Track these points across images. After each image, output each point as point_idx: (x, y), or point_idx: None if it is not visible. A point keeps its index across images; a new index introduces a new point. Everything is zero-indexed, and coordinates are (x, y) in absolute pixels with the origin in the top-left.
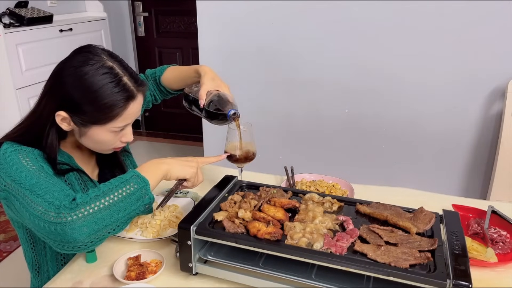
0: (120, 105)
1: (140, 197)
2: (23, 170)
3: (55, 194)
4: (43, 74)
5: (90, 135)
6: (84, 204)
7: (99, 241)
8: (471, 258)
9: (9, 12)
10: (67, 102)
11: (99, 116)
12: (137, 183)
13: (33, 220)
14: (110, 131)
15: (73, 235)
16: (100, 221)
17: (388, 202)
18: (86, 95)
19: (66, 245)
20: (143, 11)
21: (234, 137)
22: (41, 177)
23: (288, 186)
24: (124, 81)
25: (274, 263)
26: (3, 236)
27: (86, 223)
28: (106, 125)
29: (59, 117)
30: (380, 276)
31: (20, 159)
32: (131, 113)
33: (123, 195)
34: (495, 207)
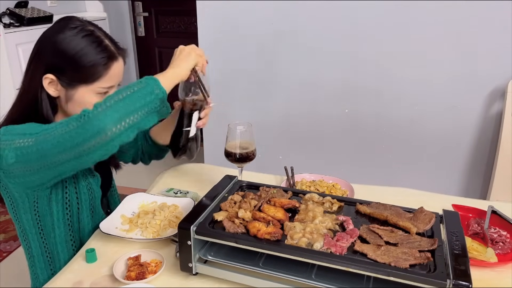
0: (103, 63)
1: (153, 90)
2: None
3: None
4: None
5: (77, 99)
6: (101, 103)
7: (127, 131)
8: (471, 258)
9: (9, 12)
10: (53, 66)
11: (84, 76)
12: (147, 79)
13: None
14: (95, 93)
15: (101, 124)
16: (122, 108)
17: (388, 202)
18: (70, 56)
19: (98, 138)
20: (143, 11)
21: (234, 137)
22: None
23: (288, 186)
24: (106, 43)
25: (274, 263)
26: (3, 236)
27: (110, 112)
28: (91, 85)
29: (46, 80)
30: (380, 276)
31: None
32: (114, 74)
33: (135, 89)
34: (495, 207)
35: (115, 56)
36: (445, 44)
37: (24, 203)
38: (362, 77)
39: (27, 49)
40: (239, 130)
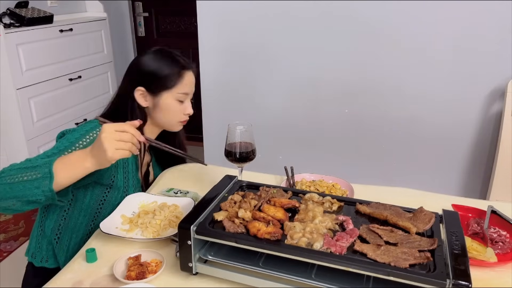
0: (177, 71)
1: (39, 185)
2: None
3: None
4: (43, 74)
5: (162, 104)
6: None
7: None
8: (471, 258)
9: (9, 12)
10: (142, 80)
11: (165, 83)
12: (45, 168)
13: None
14: (175, 99)
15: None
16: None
17: (388, 202)
18: (155, 70)
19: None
20: (143, 11)
21: (234, 137)
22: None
23: (288, 186)
24: (178, 58)
25: (274, 263)
26: (3, 236)
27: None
28: (171, 91)
29: (138, 92)
30: (380, 276)
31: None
32: (187, 82)
33: (24, 178)
34: (495, 207)
35: (187, 66)
36: (445, 44)
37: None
38: (362, 77)
39: (27, 49)
40: (239, 130)
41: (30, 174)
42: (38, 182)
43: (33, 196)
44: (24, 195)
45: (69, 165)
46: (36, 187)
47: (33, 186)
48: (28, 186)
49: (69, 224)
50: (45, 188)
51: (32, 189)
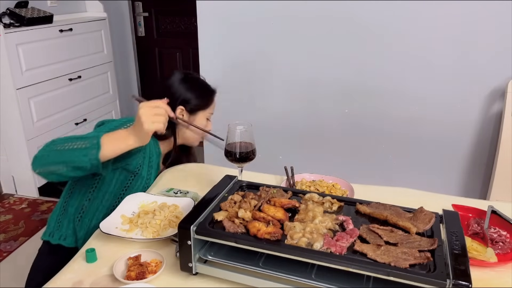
0: (210, 94)
1: (86, 153)
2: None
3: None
4: (43, 74)
5: (197, 121)
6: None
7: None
8: (471, 258)
9: (9, 12)
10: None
11: (202, 105)
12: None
13: None
14: (205, 117)
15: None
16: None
17: (388, 202)
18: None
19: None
20: (143, 11)
21: (234, 137)
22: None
23: (288, 186)
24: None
25: (274, 263)
26: (3, 236)
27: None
28: (205, 111)
29: (178, 109)
30: (380, 276)
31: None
32: (214, 103)
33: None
34: (495, 207)
35: (214, 91)
36: (445, 44)
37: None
38: (362, 77)
39: (27, 49)
40: (239, 130)
41: (80, 143)
42: (87, 151)
43: (81, 162)
44: (72, 161)
45: (115, 139)
46: (84, 154)
47: (81, 154)
48: (77, 153)
49: (93, 205)
50: (92, 157)
51: (81, 156)
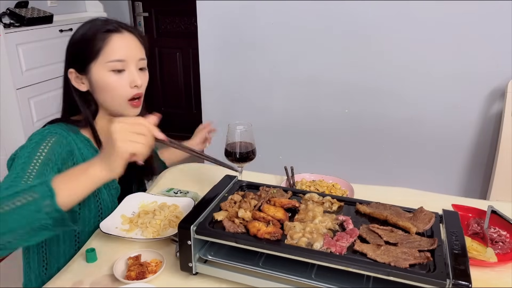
0: (100, 32)
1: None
2: (31, 150)
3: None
4: (43, 74)
5: (97, 82)
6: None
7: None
8: (471, 258)
9: (9, 12)
10: (70, 57)
11: (88, 51)
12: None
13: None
14: (108, 70)
15: None
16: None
17: (388, 202)
18: (77, 40)
19: None
20: (143, 11)
21: (234, 137)
22: (31, 162)
23: (288, 186)
24: (108, 21)
25: (274, 263)
26: None
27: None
28: (98, 60)
29: (71, 75)
30: (380, 276)
31: (41, 142)
32: (118, 46)
33: (17, 205)
34: (495, 207)
35: (117, 28)
36: (445, 44)
37: None
38: (362, 77)
39: (27, 49)
40: (239, 130)
41: (22, 197)
42: (37, 204)
43: (36, 221)
44: (23, 225)
45: (71, 177)
46: (36, 210)
47: (32, 211)
48: (25, 212)
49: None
50: (48, 209)
51: (32, 213)
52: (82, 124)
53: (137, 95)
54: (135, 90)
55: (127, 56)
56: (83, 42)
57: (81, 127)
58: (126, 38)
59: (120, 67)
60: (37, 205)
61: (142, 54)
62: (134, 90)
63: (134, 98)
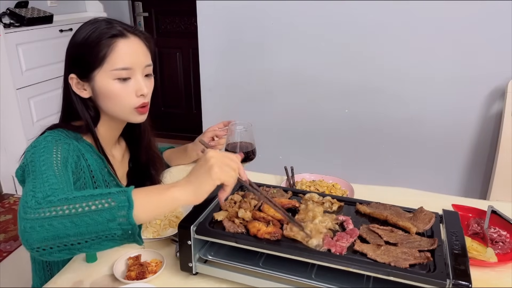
0: (105, 38)
1: (114, 217)
2: (46, 155)
3: (46, 186)
4: (43, 74)
5: (100, 90)
6: (50, 204)
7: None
8: (471, 258)
9: (9, 12)
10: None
11: (92, 57)
12: (119, 195)
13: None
14: (113, 78)
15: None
16: (59, 226)
17: (388, 202)
18: (80, 43)
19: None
20: (143, 11)
21: (234, 137)
22: (52, 167)
23: (288, 186)
24: (113, 24)
25: (274, 263)
26: (3, 236)
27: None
28: (103, 68)
29: (72, 81)
30: (380, 276)
31: (51, 147)
32: (124, 52)
33: (91, 208)
34: (495, 207)
35: (122, 33)
36: (445, 44)
37: None
38: (362, 77)
39: (27, 49)
40: (239, 130)
41: (100, 202)
42: (112, 213)
43: (106, 230)
44: (91, 231)
45: (150, 193)
46: (109, 219)
47: (104, 218)
48: (98, 218)
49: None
50: (122, 220)
51: (104, 221)
52: (83, 130)
53: (143, 104)
54: (141, 99)
55: (133, 64)
56: (86, 47)
57: (83, 133)
58: (132, 43)
59: (126, 75)
60: (112, 214)
61: (148, 60)
62: (141, 99)
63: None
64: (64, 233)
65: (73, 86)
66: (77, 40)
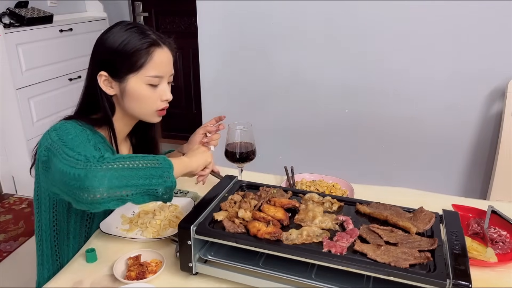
0: (145, 47)
1: (162, 175)
2: (72, 134)
3: (88, 150)
4: (43, 74)
5: (130, 91)
6: (111, 159)
7: (115, 201)
8: (471, 258)
9: (9, 12)
10: (104, 62)
11: (130, 63)
12: (163, 162)
13: (62, 168)
14: (145, 83)
15: (94, 183)
16: (121, 178)
17: (388, 202)
18: (116, 48)
19: (86, 193)
20: (143, 11)
21: (234, 137)
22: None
23: (288, 186)
24: (148, 32)
25: (274, 263)
26: (3, 236)
27: (108, 175)
28: (139, 73)
29: (101, 77)
30: (380, 276)
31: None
32: (159, 61)
33: (147, 165)
34: (495, 207)
35: (158, 43)
36: (445, 44)
37: (45, 201)
38: (362, 77)
39: (27, 49)
40: (239, 130)
41: (150, 162)
42: (160, 171)
43: (153, 185)
44: (140, 184)
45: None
46: (157, 175)
47: (153, 174)
48: (151, 173)
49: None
50: (166, 178)
51: (153, 177)
52: (99, 122)
53: (165, 108)
54: (165, 103)
55: (164, 72)
56: (123, 54)
57: (97, 126)
58: (166, 53)
59: (157, 82)
60: (159, 171)
61: (173, 69)
62: (164, 104)
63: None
64: (127, 183)
65: (100, 83)
66: (110, 45)
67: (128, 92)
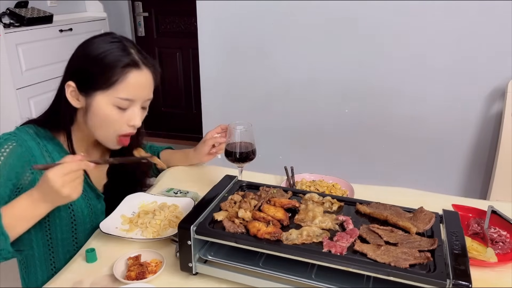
0: (121, 65)
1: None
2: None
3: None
4: (43, 74)
5: (95, 107)
6: None
7: None
8: (471, 258)
9: (9, 12)
10: (76, 70)
11: (101, 78)
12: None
13: None
14: (113, 104)
15: None
16: None
17: (388, 202)
18: (93, 57)
19: None
20: (143, 11)
21: (234, 137)
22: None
23: (288, 186)
24: (129, 50)
25: (274, 263)
26: None
27: None
28: (108, 92)
29: (68, 88)
30: (380, 276)
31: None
32: (134, 84)
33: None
34: (495, 207)
35: (137, 64)
36: (445, 44)
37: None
38: (362, 77)
39: (27, 49)
40: (239, 130)
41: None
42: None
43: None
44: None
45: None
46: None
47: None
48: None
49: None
50: (3, 253)
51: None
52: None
53: (129, 134)
54: (131, 129)
55: (137, 97)
56: (98, 67)
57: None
58: (143, 76)
59: (126, 106)
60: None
61: (151, 94)
62: (130, 129)
63: (125, 135)
64: None
65: (67, 93)
66: (88, 54)
67: (92, 109)
